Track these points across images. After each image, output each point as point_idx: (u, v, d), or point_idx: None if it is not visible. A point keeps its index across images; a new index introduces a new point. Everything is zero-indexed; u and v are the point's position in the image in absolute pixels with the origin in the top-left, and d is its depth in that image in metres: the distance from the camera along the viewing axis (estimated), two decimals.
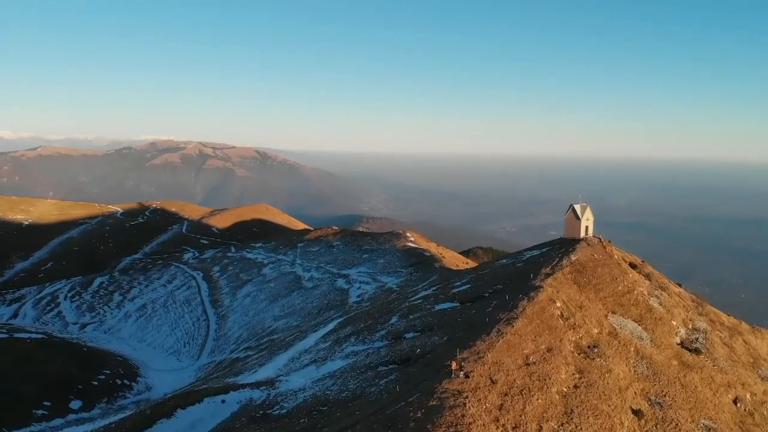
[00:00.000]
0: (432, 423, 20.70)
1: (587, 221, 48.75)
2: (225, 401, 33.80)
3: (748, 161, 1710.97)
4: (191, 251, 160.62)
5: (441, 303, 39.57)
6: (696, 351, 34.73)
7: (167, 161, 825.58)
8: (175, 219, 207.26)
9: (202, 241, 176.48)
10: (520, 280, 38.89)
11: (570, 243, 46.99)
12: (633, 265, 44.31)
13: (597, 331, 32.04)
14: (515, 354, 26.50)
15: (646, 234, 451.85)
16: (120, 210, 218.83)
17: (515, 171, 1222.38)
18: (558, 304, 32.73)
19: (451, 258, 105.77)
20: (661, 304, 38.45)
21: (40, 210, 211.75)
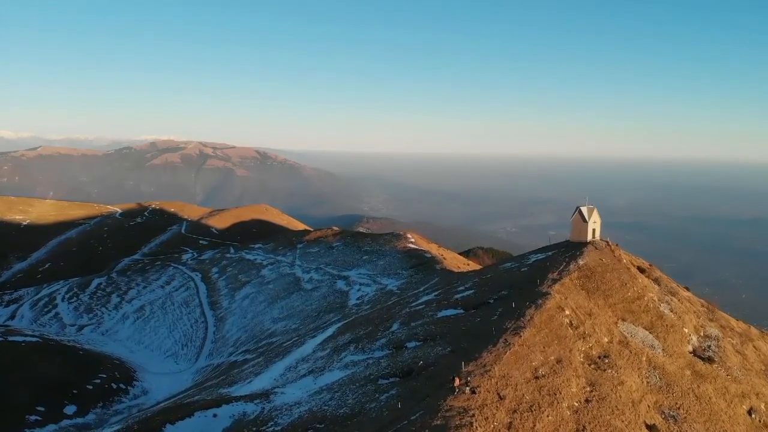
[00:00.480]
0: None
1: (594, 224, 47.35)
2: (217, 415, 32.31)
3: (748, 161, 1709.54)
4: (190, 252, 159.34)
5: (443, 309, 38.24)
6: (709, 360, 33.46)
7: (167, 161, 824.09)
8: (174, 219, 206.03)
9: (200, 242, 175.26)
10: (526, 285, 37.56)
11: (577, 246, 45.54)
12: (641, 269, 42.99)
13: (607, 340, 30.77)
14: (523, 366, 25.20)
15: (646, 234, 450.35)
16: (119, 210, 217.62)
17: (515, 171, 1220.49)
18: (567, 311, 31.44)
19: (452, 259, 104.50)
20: (672, 310, 37.14)
21: (38, 210, 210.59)
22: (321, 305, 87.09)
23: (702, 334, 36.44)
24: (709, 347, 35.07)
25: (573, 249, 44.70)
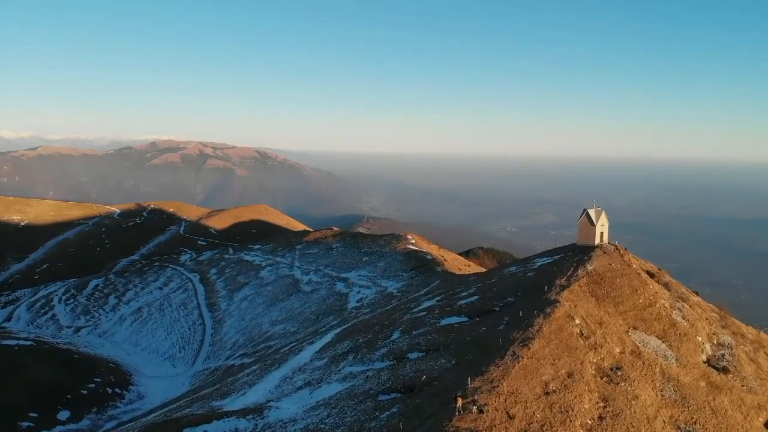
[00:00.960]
0: None
1: (602, 227, 45.79)
2: None
3: (748, 161, 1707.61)
4: (189, 253, 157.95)
5: (447, 317, 36.77)
6: (724, 370, 32.06)
7: (167, 161, 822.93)
8: (173, 220, 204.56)
9: (199, 243, 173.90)
10: (532, 292, 36.10)
11: (584, 250, 43.93)
12: (650, 274, 41.52)
13: (619, 351, 29.38)
14: (533, 381, 23.82)
15: (646, 234, 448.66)
16: (117, 210, 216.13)
17: (515, 171, 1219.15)
18: (577, 321, 30.02)
19: (453, 261, 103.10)
20: (684, 317, 35.70)
21: (36, 210, 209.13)
22: (320, 308, 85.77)
23: (715, 342, 35.07)
24: (723, 356, 33.70)
25: (580, 253, 43.14)
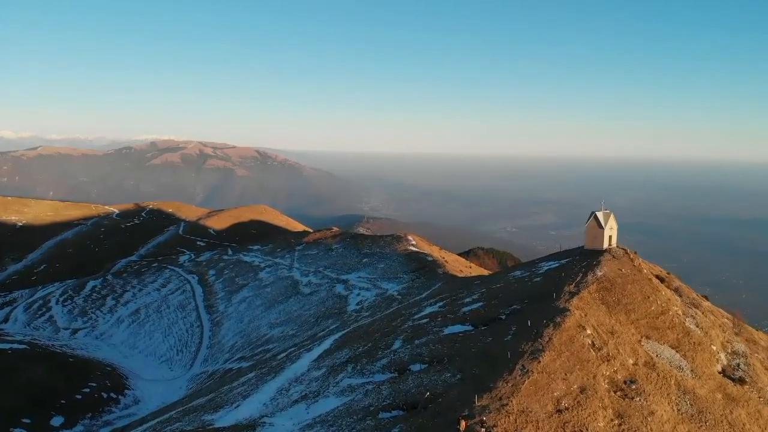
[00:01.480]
0: None
1: (611, 230, 44.33)
2: None
3: (748, 161, 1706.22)
4: (187, 253, 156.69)
5: (450, 325, 35.34)
6: (740, 381, 30.72)
7: (167, 161, 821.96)
8: (172, 220, 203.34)
9: (198, 243, 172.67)
10: (540, 299, 34.70)
11: (592, 255, 42.49)
12: (660, 279, 40.22)
13: (632, 362, 28.02)
14: (544, 398, 22.47)
15: (646, 235, 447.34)
16: (116, 211, 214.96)
17: (515, 171, 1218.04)
18: (588, 331, 28.65)
19: (454, 262, 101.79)
20: (698, 325, 34.34)
21: (34, 211, 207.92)
22: (319, 310, 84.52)
23: (729, 350, 33.70)
24: (738, 366, 32.34)
25: (588, 257, 41.70)
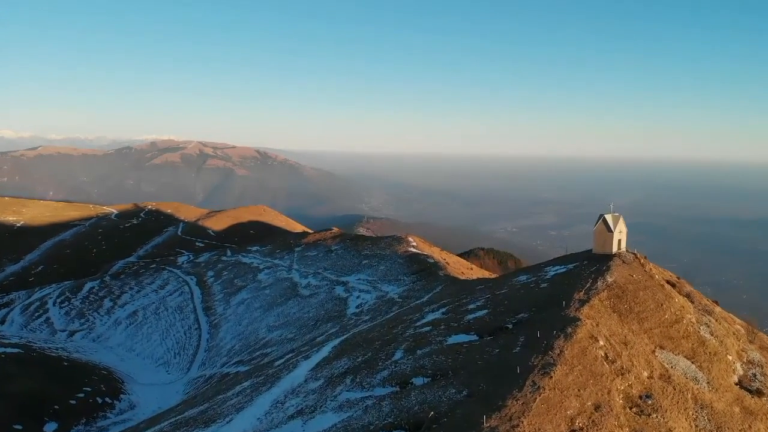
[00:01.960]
0: None
1: (620, 234, 42.90)
2: None
3: (748, 161, 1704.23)
4: (186, 254, 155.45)
5: (454, 334, 33.91)
6: (758, 392, 29.42)
7: (167, 161, 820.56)
8: (171, 221, 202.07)
9: (197, 244, 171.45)
10: (548, 307, 33.26)
11: (601, 260, 40.94)
12: (671, 284, 38.87)
13: (647, 375, 26.72)
14: (557, 417, 21.12)
15: (647, 235, 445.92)
16: (114, 211, 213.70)
17: (515, 171, 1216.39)
18: (601, 342, 27.29)
19: (455, 264, 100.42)
20: (713, 333, 32.98)
21: (32, 211, 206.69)
22: (318, 313, 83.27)
23: (745, 360, 32.40)
24: (755, 376, 31.04)
25: (597, 262, 40.21)
